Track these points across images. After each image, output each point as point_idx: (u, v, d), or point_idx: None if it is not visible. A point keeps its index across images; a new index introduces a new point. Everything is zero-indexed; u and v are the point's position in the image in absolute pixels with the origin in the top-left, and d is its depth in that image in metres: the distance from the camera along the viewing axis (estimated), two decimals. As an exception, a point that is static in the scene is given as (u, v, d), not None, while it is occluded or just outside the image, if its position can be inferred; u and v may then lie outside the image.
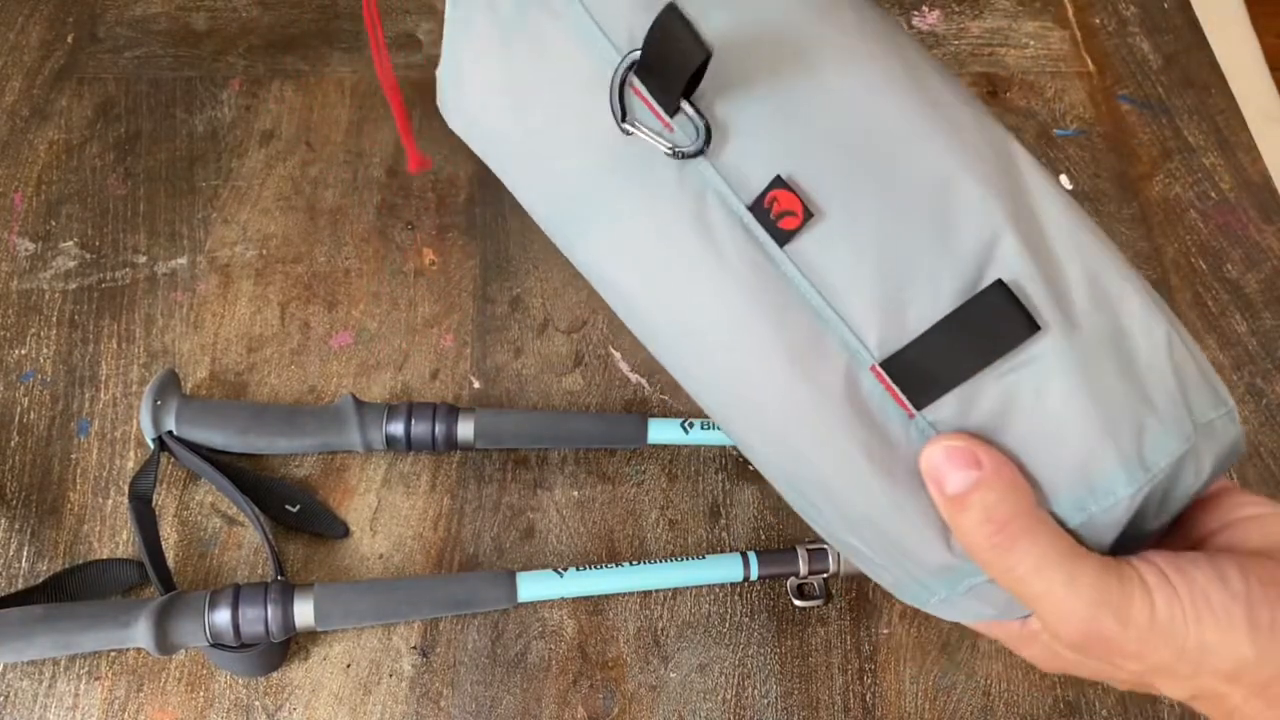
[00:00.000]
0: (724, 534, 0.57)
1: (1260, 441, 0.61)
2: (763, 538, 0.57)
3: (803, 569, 0.53)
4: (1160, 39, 0.79)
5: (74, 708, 0.51)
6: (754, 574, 0.53)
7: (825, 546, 0.53)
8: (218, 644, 0.49)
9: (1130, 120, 0.75)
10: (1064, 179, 0.72)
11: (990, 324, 0.27)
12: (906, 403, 0.29)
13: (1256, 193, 0.71)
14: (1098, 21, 0.80)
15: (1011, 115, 0.75)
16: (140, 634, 0.48)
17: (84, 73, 0.73)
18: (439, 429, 0.56)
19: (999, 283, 0.28)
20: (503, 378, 0.62)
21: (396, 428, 0.56)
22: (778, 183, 0.29)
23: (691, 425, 0.56)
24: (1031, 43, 0.79)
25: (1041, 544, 0.27)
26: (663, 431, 0.56)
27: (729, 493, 0.58)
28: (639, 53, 0.29)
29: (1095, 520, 0.29)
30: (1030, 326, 0.27)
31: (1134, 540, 0.30)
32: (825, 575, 0.53)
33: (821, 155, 0.29)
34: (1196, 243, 0.69)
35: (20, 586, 0.54)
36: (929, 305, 0.29)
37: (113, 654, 0.52)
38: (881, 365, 0.29)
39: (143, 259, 0.65)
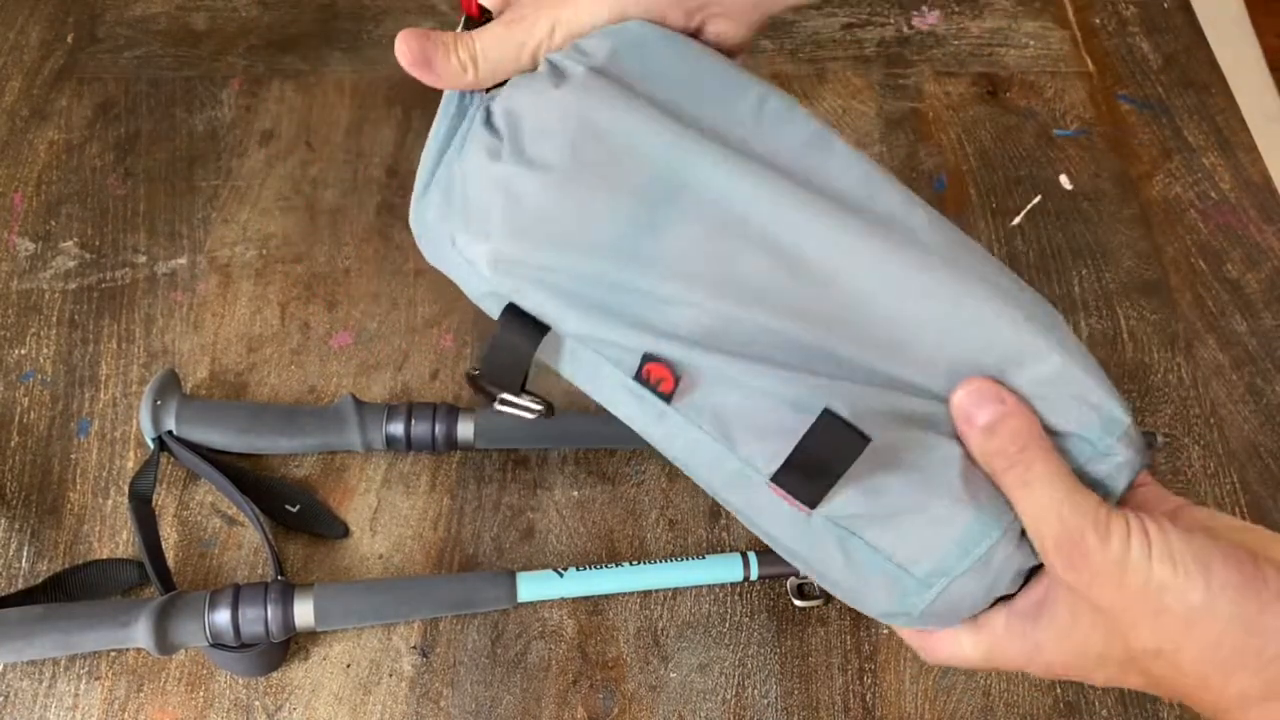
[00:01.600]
0: (724, 534, 0.57)
1: (1260, 441, 0.61)
2: (763, 538, 0.57)
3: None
4: (1160, 39, 0.79)
5: (74, 708, 0.51)
6: (754, 574, 0.53)
7: (825, 546, 0.54)
8: (218, 644, 0.49)
9: (1130, 120, 0.75)
10: (1064, 179, 0.72)
11: (832, 441, 0.33)
12: (802, 506, 0.35)
13: (1256, 193, 0.71)
14: (1098, 21, 0.80)
15: (1011, 115, 0.75)
16: (140, 634, 0.48)
17: (84, 73, 0.73)
18: (439, 429, 0.56)
19: (826, 410, 0.33)
20: (503, 378, 0.62)
21: (396, 428, 0.56)
22: (646, 358, 0.36)
23: (691, 425, 0.56)
24: (1031, 43, 0.79)
25: (1054, 464, 0.33)
26: (663, 431, 0.56)
27: (729, 493, 0.58)
28: (475, 369, 0.39)
29: (988, 561, 0.35)
30: (862, 439, 0.32)
31: None
32: (825, 575, 0.53)
33: (674, 316, 0.36)
34: (1196, 243, 0.69)
35: (20, 586, 0.54)
36: (789, 431, 0.34)
37: (113, 654, 0.52)
38: (773, 480, 0.35)
39: (143, 259, 0.65)
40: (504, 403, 0.40)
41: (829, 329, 0.35)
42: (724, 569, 0.53)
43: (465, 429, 0.56)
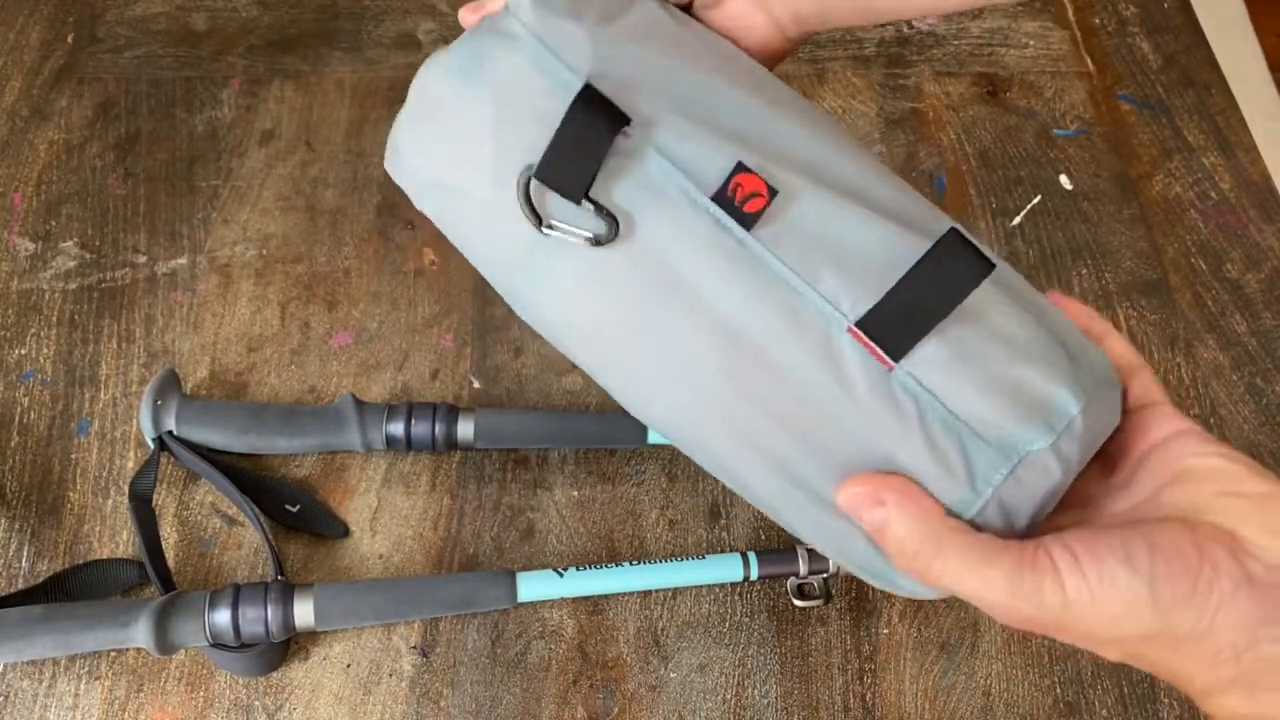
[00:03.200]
0: (724, 534, 0.57)
1: (1260, 441, 0.61)
2: (763, 538, 0.57)
3: (803, 569, 0.53)
4: (1160, 39, 0.79)
5: (74, 708, 0.51)
6: (754, 574, 0.53)
7: (825, 546, 0.53)
8: (218, 644, 0.49)
9: (1130, 120, 0.75)
10: (1064, 179, 0.72)
11: (951, 267, 0.31)
12: (885, 356, 0.32)
13: (1256, 193, 0.71)
14: (1098, 21, 0.80)
15: (1011, 115, 0.75)
16: (140, 634, 0.48)
17: (84, 73, 0.73)
18: (439, 429, 0.56)
19: (954, 229, 0.31)
20: (503, 378, 0.62)
21: (396, 428, 0.56)
22: (740, 168, 0.32)
23: (691, 425, 0.56)
24: (1031, 43, 0.79)
25: (953, 559, 0.31)
26: (663, 431, 0.56)
27: (729, 493, 0.58)
28: (535, 165, 0.33)
29: (1061, 442, 0.32)
30: (987, 264, 0.30)
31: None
32: (825, 575, 0.53)
33: (770, 144, 0.33)
34: (1196, 243, 0.69)
35: (20, 586, 0.54)
36: (891, 264, 0.32)
37: (113, 654, 0.52)
38: (857, 325, 0.32)
39: (143, 259, 0.65)
40: (554, 226, 0.34)
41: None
42: (724, 569, 0.53)
43: (465, 429, 0.56)
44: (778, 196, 0.32)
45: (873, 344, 0.32)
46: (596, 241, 0.33)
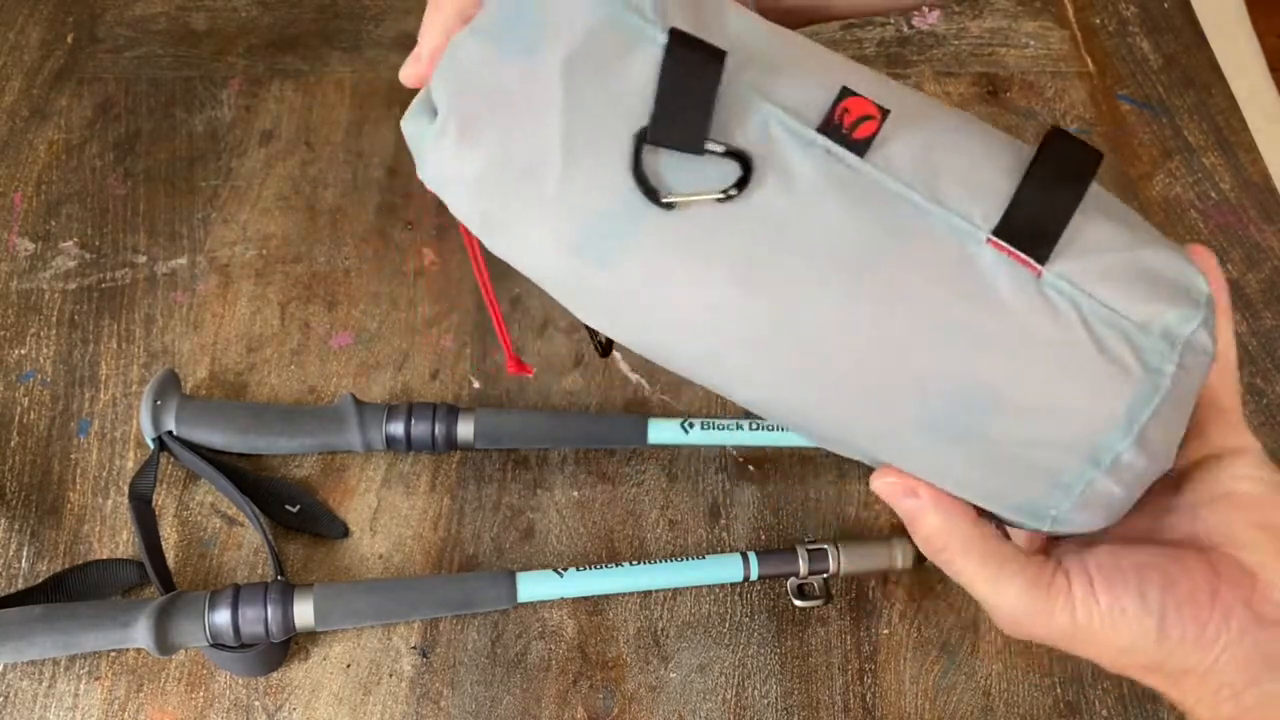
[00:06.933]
0: (724, 534, 0.57)
1: (1260, 442, 0.61)
2: (763, 538, 0.57)
3: (803, 569, 0.53)
4: (1160, 39, 0.79)
5: (74, 708, 0.51)
6: (754, 574, 0.53)
7: (825, 546, 0.53)
8: (218, 644, 0.49)
9: (1130, 120, 0.75)
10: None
11: (1065, 161, 0.31)
12: (1031, 262, 0.30)
13: (1256, 193, 0.71)
14: (1098, 21, 0.80)
15: (1011, 115, 0.75)
16: (140, 634, 0.48)
17: (84, 73, 0.73)
18: (439, 429, 0.56)
19: (1055, 128, 0.31)
20: (503, 378, 0.62)
21: (396, 428, 0.56)
22: (845, 93, 0.31)
23: (691, 425, 0.56)
24: (1031, 43, 0.79)
25: (972, 563, 0.33)
26: (663, 432, 0.56)
27: (729, 493, 0.58)
28: (648, 121, 0.31)
29: (1207, 322, 0.31)
30: (1097, 153, 0.30)
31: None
32: (825, 575, 0.53)
33: (863, 77, 0.32)
34: (1196, 243, 0.69)
35: (20, 586, 0.54)
36: (1008, 170, 0.31)
37: (113, 654, 0.52)
38: (994, 234, 0.30)
39: (143, 259, 0.65)
40: (669, 200, 0.31)
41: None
42: (724, 569, 0.53)
43: (465, 429, 0.56)
44: (890, 116, 0.31)
45: (1017, 250, 0.30)
46: (726, 195, 0.31)
